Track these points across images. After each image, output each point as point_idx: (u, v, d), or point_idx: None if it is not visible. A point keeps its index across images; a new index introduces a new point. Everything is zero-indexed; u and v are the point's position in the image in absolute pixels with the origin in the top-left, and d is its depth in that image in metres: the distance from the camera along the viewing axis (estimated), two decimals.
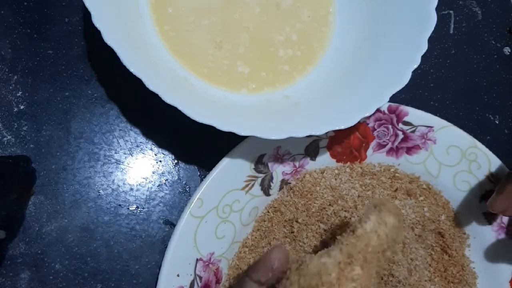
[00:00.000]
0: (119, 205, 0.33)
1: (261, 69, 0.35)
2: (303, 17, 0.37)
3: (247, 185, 0.32)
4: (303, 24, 0.37)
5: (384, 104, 0.33)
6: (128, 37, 0.30)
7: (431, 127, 0.35)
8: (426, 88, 0.40)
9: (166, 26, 0.34)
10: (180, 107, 0.27)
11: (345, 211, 0.32)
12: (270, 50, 0.36)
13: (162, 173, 0.35)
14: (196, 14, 0.35)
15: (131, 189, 0.34)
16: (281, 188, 0.33)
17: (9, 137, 0.33)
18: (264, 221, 0.33)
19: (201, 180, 0.34)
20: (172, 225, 0.34)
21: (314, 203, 0.33)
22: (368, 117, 0.34)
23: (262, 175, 0.32)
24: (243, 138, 0.31)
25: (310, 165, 0.34)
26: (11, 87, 0.34)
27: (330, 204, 0.33)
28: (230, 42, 0.35)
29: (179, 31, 0.34)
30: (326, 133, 0.32)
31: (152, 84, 0.27)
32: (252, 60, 0.35)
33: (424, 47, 0.31)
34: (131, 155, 0.34)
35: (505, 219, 0.35)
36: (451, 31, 0.42)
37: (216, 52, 0.35)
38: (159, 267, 0.30)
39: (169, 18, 0.34)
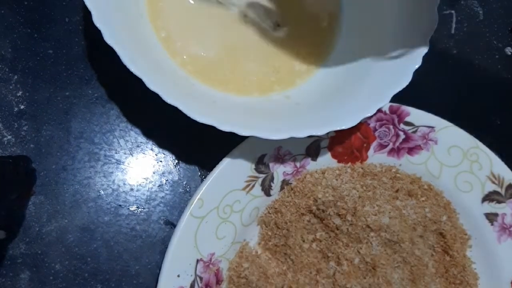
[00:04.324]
0: (120, 205, 0.33)
1: (262, 70, 0.35)
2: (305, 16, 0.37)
3: (247, 186, 0.32)
4: (304, 25, 0.37)
5: (386, 104, 0.33)
6: (128, 37, 0.30)
7: (433, 127, 0.34)
8: (427, 88, 0.40)
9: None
10: (180, 107, 0.27)
11: (345, 211, 0.32)
12: (271, 50, 0.36)
13: (162, 173, 0.34)
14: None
15: (132, 189, 0.34)
16: (282, 188, 0.33)
17: (9, 137, 0.33)
18: (265, 221, 0.33)
19: (202, 180, 0.34)
20: (172, 225, 0.34)
21: (315, 203, 0.32)
22: (370, 117, 0.33)
23: (262, 176, 0.32)
24: (244, 138, 0.31)
25: (311, 165, 0.34)
26: (11, 87, 0.34)
27: (330, 205, 0.32)
28: (230, 43, 0.35)
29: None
30: (327, 133, 0.32)
31: (152, 84, 0.27)
32: (253, 61, 0.35)
33: (426, 47, 0.31)
34: (132, 155, 0.34)
35: (507, 220, 0.34)
36: (453, 31, 0.42)
37: (216, 52, 0.35)
38: (160, 267, 0.30)
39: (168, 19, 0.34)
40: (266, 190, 0.33)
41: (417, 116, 0.34)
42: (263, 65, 0.35)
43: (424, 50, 0.31)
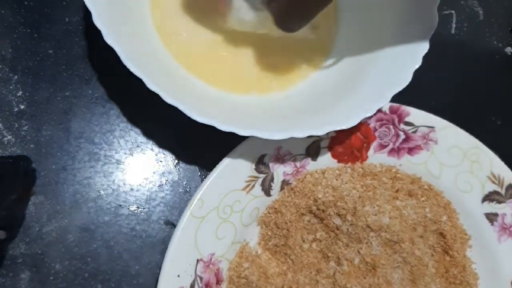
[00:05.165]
0: (120, 205, 0.33)
1: (262, 70, 0.35)
2: None
3: (247, 186, 0.32)
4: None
5: (386, 104, 0.33)
6: (128, 37, 0.30)
7: (433, 127, 0.34)
8: (427, 88, 0.40)
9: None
10: (180, 107, 0.27)
11: (345, 211, 0.32)
12: (272, 49, 0.36)
13: (162, 173, 0.34)
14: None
15: (132, 189, 0.34)
16: (282, 188, 0.33)
17: (9, 137, 0.33)
18: (265, 221, 0.33)
19: (202, 180, 0.34)
20: (172, 225, 0.34)
21: (315, 203, 0.32)
22: (370, 117, 0.33)
23: (263, 176, 0.32)
24: (244, 138, 0.31)
25: (311, 165, 0.34)
26: (11, 87, 0.34)
27: (330, 205, 0.32)
28: (231, 43, 0.35)
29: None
30: (327, 133, 0.32)
31: (152, 84, 0.27)
32: (253, 61, 0.35)
33: (426, 48, 0.31)
34: (132, 155, 0.34)
35: (507, 220, 0.34)
36: (453, 31, 0.42)
37: (217, 52, 0.35)
38: (160, 267, 0.30)
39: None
40: (266, 190, 0.33)
41: (417, 116, 0.34)
42: (263, 64, 0.35)
43: (424, 50, 0.31)
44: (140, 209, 0.34)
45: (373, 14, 0.35)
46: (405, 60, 0.32)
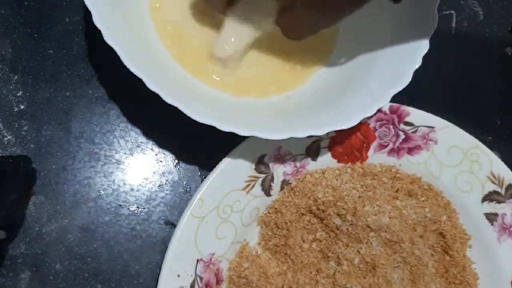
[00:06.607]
0: (120, 205, 0.33)
1: (263, 70, 0.35)
2: None
3: (247, 186, 0.32)
4: None
5: (386, 105, 0.33)
6: (128, 37, 0.30)
7: (433, 127, 0.34)
8: (427, 89, 0.40)
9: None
10: (180, 107, 0.27)
11: (345, 211, 0.32)
12: (272, 51, 0.36)
13: (162, 173, 0.34)
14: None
15: (132, 189, 0.34)
16: (282, 188, 0.33)
17: (9, 137, 0.33)
18: (265, 221, 0.33)
19: (202, 180, 0.34)
20: (172, 225, 0.34)
21: (315, 203, 0.32)
22: (370, 118, 0.33)
23: (263, 176, 0.32)
24: (244, 138, 0.31)
25: (311, 165, 0.34)
26: (11, 87, 0.34)
27: (330, 205, 0.32)
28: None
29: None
30: (327, 133, 0.32)
31: (152, 84, 0.27)
32: (253, 61, 0.35)
33: (426, 48, 0.31)
34: (132, 155, 0.34)
35: (507, 220, 0.34)
36: (453, 31, 0.42)
37: None
38: (160, 267, 0.30)
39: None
40: (266, 190, 0.33)
41: (417, 116, 0.34)
42: (264, 66, 0.35)
43: (424, 50, 0.31)
44: (140, 209, 0.34)
45: (373, 14, 0.35)
46: (405, 60, 0.32)
